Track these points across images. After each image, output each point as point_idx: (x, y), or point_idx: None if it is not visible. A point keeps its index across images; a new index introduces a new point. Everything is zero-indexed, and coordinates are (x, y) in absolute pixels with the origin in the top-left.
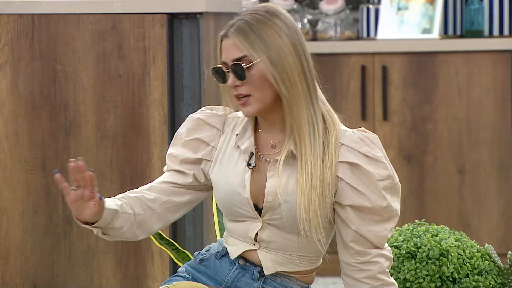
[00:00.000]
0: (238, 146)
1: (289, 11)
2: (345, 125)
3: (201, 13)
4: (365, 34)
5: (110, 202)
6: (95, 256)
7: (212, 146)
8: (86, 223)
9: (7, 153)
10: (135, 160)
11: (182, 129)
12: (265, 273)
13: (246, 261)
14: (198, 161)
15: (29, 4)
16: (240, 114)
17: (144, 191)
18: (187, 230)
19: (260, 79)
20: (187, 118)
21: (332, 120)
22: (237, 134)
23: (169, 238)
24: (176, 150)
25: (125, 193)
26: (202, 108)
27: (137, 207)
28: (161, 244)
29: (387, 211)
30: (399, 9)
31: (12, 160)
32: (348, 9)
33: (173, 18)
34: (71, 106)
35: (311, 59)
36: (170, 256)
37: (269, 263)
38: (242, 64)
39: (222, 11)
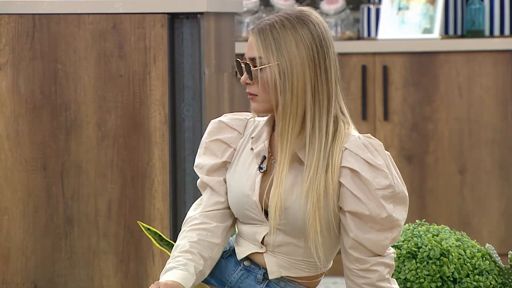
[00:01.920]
0: (252, 149)
1: None
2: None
3: (201, 13)
4: (365, 34)
5: (186, 276)
6: (96, 256)
7: (234, 148)
8: None
9: (8, 153)
10: (136, 160)
11: (205, 134)
12: (270, 277)
13: (251, 263)
14: (223, 164)
15: (30, 4)
16: (264, 118)
17: (202, 226)
18: None
19: (266, 83)
20: (210, 123)
21: (344, 125)
22: (252, 137)
23: (169, 239)
24: (200, 158)
25: (186, 237)
26: (225, 114)
27: (205, 251)
28: (161, 245)
29: (388, 221)
30: (399, 9)
31: (13, 160)
32: (348, 9)
33: (174, 18)
34: (72, 106)
35: (336, 70)
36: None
37: (274, 267)
38: (252, 66)
39: (223, 11)
